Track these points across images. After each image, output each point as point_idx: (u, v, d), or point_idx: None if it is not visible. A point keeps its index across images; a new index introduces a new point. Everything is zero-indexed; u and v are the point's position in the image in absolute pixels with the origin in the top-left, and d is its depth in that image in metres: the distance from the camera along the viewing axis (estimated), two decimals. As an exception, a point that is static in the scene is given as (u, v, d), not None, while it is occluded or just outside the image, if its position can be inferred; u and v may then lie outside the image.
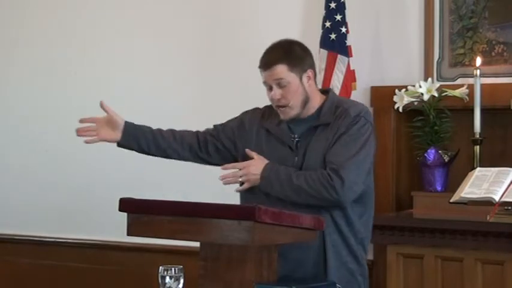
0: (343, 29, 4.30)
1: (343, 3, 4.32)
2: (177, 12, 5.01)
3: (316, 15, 4.43)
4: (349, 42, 4.32)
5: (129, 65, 5.14)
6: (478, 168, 3.82)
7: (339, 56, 4.31)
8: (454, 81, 4.28)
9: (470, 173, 3.79)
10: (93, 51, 5.25)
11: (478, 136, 4.05)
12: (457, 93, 4.14)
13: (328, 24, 4.32)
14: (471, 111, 4.06)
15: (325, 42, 4.33)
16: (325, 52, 4.33)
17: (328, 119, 3.29)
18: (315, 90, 3.36)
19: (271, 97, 3.30)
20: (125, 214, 3.15)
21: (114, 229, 4.22)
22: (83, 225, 5.25)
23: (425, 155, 4.14)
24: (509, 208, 3.60)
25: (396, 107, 4.22)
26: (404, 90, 4.20)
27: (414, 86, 4.17)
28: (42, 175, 5.39)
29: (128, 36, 5.15)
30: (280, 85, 3.27)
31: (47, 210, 5.35)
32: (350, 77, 4.33)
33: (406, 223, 3.82)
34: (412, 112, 4.23)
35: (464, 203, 3.65)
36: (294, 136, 3.33)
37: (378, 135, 4.39)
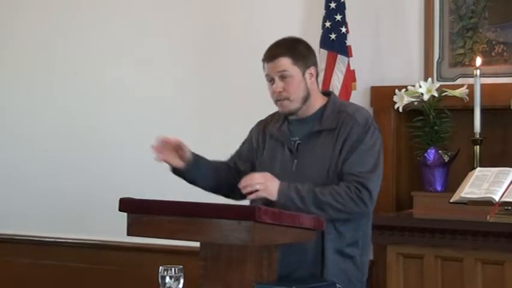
0: (343, 29, 4.30)
1: (343, 3, 4.32)
2: (178, 13, 5.01)
3: (316, 15, 4.43)
4: (349, 42, 4.32)
5: (129, 65, 5.14)
6: (478, 168, 3.82)
7: (339, 56, 4.31)
8: (454, 81, 4.28)
9: (470, 173, 3.79)
10: (93, 51, 5.25)
11: (478, 136, 4.05)
12: (457, 93, 4.14)
13: (328, 24, 4.32)
14: (471, 111, 4.06)
15: (325, 42, 4.33)
16: (325, 52, 4.33)
17: (332, 124, 3.26)
18: (317, 90, 3.36)
19: (273, 90, 3.28)
20: (125, 214, 3.15)
21: (114, 229, 4.21)
22: (83, 225, 5.25)
23: (425, 155, 4.14)
24: (509, 208, 3.60)
25: (396, 107, 4.22)
26: (404, 90, 4.20)
27: (414, 86, 4.17)
28: (42, 175, 5.39)
29: (128, 36, 5.15)
30: (282, 77, 3.26)
31: (47, 210, 5.35)
32: (350, 77, 4.33)
33: (406, 223, 3.82)
34: (412, 112, 4.23)
35: (464, 203, 3.65)
36: (294, 139, 3.32)
37: (378, 135, 4.41)
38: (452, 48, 4.31)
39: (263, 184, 3.16)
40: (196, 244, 3.13)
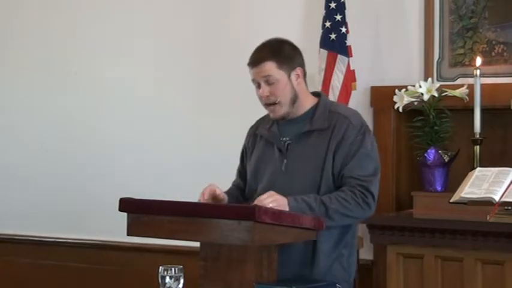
0: (343, 29, 4.30)
1: (343, 3, 4.32)
2: (177, 12, 5.01)
3: (316, 15, 4.43)
4: (349, 42, 4.32)
5: (129, 65, 5.14)
6: (478, 168, 3.82)
7: (339, 56, 4.31)
8: (454, 81, 4.28)
9: (470, 173, 3.79)
10: (93, 51, 5.25)
11: (478, 136, 4.05)
12: (457, 93, 4.14)
13: (328, 24, 4.32)
14: (471, 111, 4.06)
15: (325, 42, 4.33)
16: (325, 52, 4.33)
17: (323, 124, 3.26)
18: (305, 90, 3.34)
19: (260, 94, 3.29)
20: (125, 214, 3.15)
21: (114, 229, 4.21)
22: (83, 225, 5.25)
23: (425, 155, 4.14)
24: (509, 208, 3.60)
25: (396, 107, 4.22)
26: (404, 90, 4.20)
27: (414, 86, 4.17)
28: (42, 175, 5.39)
29: (128, 36, 5.15)
30: (268, 82, 3.26)
31: (47, 210, 5.35)
32: (350, 77, 4.33)
33: (406, 223, 3.82)
34: (412, 112, 4.23)
35: (464, 203, 3.65)
36: (284, 139, 3.31)
37: (378, 135, 4.41)
38: (452, 48, 4.31)
39: (275, 201, 3.10)
40: (196, 244, 3.13)
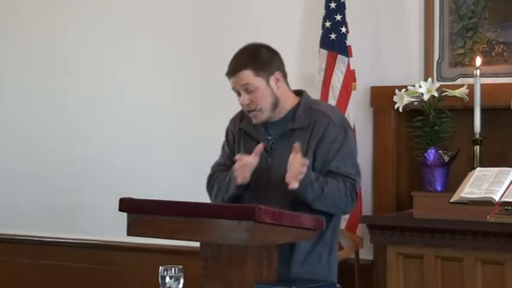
0: (343, 29, 4.30)
1: (343, 3, 4.31)
2: (177, 13, 5.01)
3: (316, 15, 4.42)
4: (349, 42, 4.32)
5: (129, 65, 5.14)
6: (478, 168, 3.82)
7: (339, 56, 4.31)
8: (454, 81, 4.28)
9: (470, 173, 3.79)
10: (94, 51, 5.25)
11: (478, 136, 4.05)
12: (457, 93, 4.14)
13: (328, 24, 4.32)
14: (471, 111, 4.06)
15: (325, 42, 4.33)
16: (325, 52, 4.33)
17: (304, 122, 3.29)
18: (286, 92, 3.36)
19: (241, 103, 3.33)
20: (125, 214, 3.15)
21: (114, 229, 4.21)
22: (83, 225, 5.25)
23: (425, 155, 4.14)
24: (509, 208, 3.60)
25: (396, 107, 4.22)
26: (404, 90, 4.20)
27: (414, 86, 4.17)
28: (42, 175, 5.39)
29: (128, 36, 5.15)
30: (247, 90, 3.29)
31: (47, 210, 5.34)
32: (350, 77, 4.33)
33: (406, 223, 3.81)
34: (412, 112, 4.23)
35: (464, 203, 3.65)
36: (269, 137, 3.33)
37: (378, 135, 4.41)
38: (452, 48, 4.31)
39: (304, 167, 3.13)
40: (196, 244, 3.13)
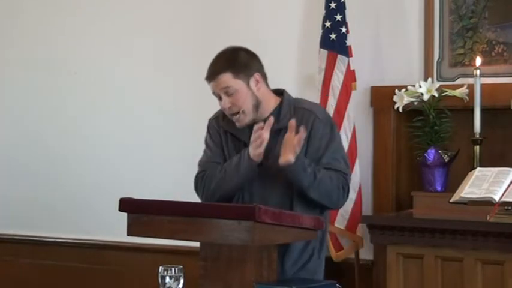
0: (343, 29, 4.30)
1: (343, 3, 4.31)
2: (177, 13, 5.01)
3: (316, 15, 4.42)
4: (349, 42, 4.31)
5: (129, 65, 5.14)
6: (478, 168, 3.82)
7: (339, 56, 4.31)
8: (454, 81, 4.28)
9: (470, 173, 3.79)
10: (94, 51, 5.25)
11: (478, 136, 4.05)
12: (457, 93, 4.14)
13: (328, 24, 4.32)
14: (471, 111, 4.06)
15: (325, 42, 4.33)
16: (325, 52, 4.33)
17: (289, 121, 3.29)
18: (267, 93, 3.37)
19: (222, 106, 3.34)
20: (125, 214, 3.16)
21: (114, 229, 4.21)
22: (83, 225, 5.25)
23: (425, 155, 4.13)
24: (509, 208, 3.60)
25: (396, 107, 4.22)
26: (404, 90, 4.19)
27: (414, 86, 4.17)
28: (42, 175, 5.39)
29: (128, 36, 5.15)
30: (228, 93, 3.30)
31: (47, 210, 5.35)
32: (350, 77, 4.33)
33: (406, 223, 3.82)
34: (412, 112, 4.23)
35: (464, 203, 3.65)
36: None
37: (378, 135, 4.41)
38: (452, 48, 4.31)
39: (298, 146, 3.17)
40: (196, 244, 3.13)
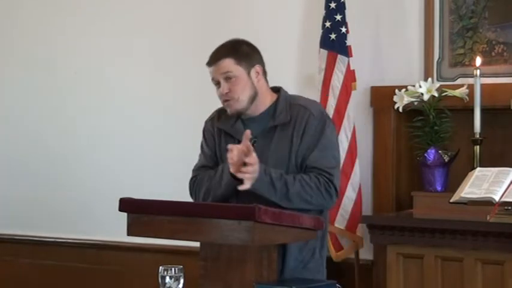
0: (343, 29, 4.30)
1: (343, 3, 4.31)
2: (177, 13, 5.01)
3: (316, 15, 4.42)
4: (349, 42, 4.31)
5: (129, 64, 5.14)
6: (478, 168, 3.82)
7: (339, 56, 4.31)
8: (454, 81, 4.28)
9: (470, 173, 3.79)
10: (93, 51, 5.25)
11: (478, 136, 4.05)
12: (457, 93, 4.14)
13: (328, 24, 4.32)
14: (471, 111, 4.06)
15: (325, 42, 4.33)
16: (325, 52, 4.33)
17: (286, 118, 3.28)
18: (265, 88, 3.36)
19: (220, 92, 3.31)
20: (125, 214, 3.16)
21: (114, 229, 4.21)
22: (83, 225, 5.25)
23: (425, 155, 4.14)
24: (509, 208, 3.60)
25: (396, 107, 4.22)
26: (404, 90, 4.19)
27: (414, 86, 4.17)
28: (42, 175, 5.39)
29: (128, 35, 5.14)
30: (227, 79, 3.29)
31: (47, 210, 5.34)
32: (350, 77, 4.33)
33: (406, 223, 3.81)
34: (412, 112, 4.23)
35: (464, 203, 3.65)
36: (250, 137, 3.28)
37: (378, 135, 4.41)
38: (452, 48, 4.31)
39: (255, 173, 3.13)
40: (196, 244, 3.13)
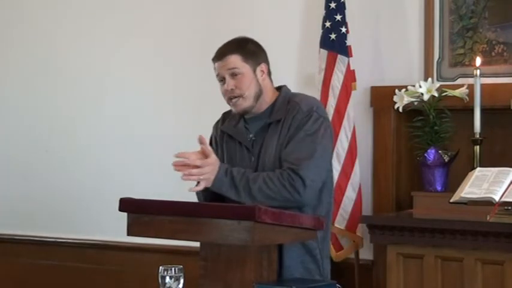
0: (343, 29, 4.30)
1: (343, 3, 4.31)
2: (177, 13, 5.01)
3: (316, 15, 4.42)
4: (349, 42, 4.31)
5: (129, 65, 5.14)
6: (478, 168, 3.82)
7: (339, 56, 4.31)
8: (454, 81, 4.28)
9: (470, 173, 3.79)
10: (93, 52, 5.25)
11: (478, 136, 4.05)
12: (457, 93, 4.14)
13: (328, 24, 4.32)
14: (471, 111, 4.06)
15: (325, 42, 4.33)
16: (325, 52, 4.33)
17: (280, 115, 3.27)
18: (269, 86, 3.36)
19: (225, 89, 3.30)
20: (125, 214, 3.16)
21: (114, 229, 4.21)
22: (83, 225, 5.25)
23: (425, 155, 4.14)
24: (509, 208, 3.60)
25: (396, 107, 4.22)
26: (404, 90, 4.19)
27: (414, 86, 4.17)
28: (42, 175, 5.39)
29: (128, 36, 5.15)
30: (233, 75, 3.28)
31: (47, 210, 5.35)
32: (350, 77, 4.33)
33: (406, 223, 3.81)
34: (412, 112, 4.23)
35: (464, 203, 3.65)
36: (250, 136, 3.32)
37: (378, 135, 4.41)
38: (452, 48, 4.31)
39: (207, 174, 3.15)
40: (196, 244, 3.13)
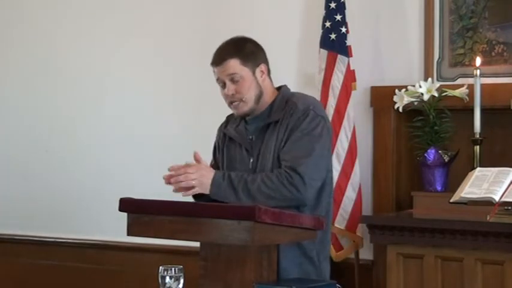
0: (343, 29, 4.30)
1: (343, 3, 4.31)
2: (177, 13, 5.01)
3: (316, 15, 4.42)
4: (349, 42, 4.31)
5: (129, 65, 5.14)
6: (478, 168, 3.82)
7: (339, 56, 4.31)
8: (454, 81, 4.28)
9: (470, 173, 3.79)
10: (93, 52, 5.25)
11: (478, 136, 4.05)
12: (457, 93, 4.14)
13: (328, 24, 4.32)
14: (471, 111, 4.06)
15: (325, 42, 4.33)
16: (325, 52, 4.33)
17: (279, 115, 3.27)
18: (269, 86, 3.35)
19: (225, 93, 3.29)
20: (125, 214, 3.16)
21: (114, 229, 4.21)
22: (83, 225, 5.25)
23: (425, 155, 4.14)
24: (509, 208, 3.60)
25: (396, 107, 4.22)
26: (404, 90, 4.20)
27: (414, 86, 4.17)
28: (42, 175, 5.39)
29: (128, 36, 5.15)
30: (233, 80, 3.27)
31: (47, 210, 5.34)
32: (350, 77, 4.33)
33: (406, 223, 3.81)
34: (412, 112, 4.23)
35: (464, 203, 3.65)
36: (250, 137, 3.32)
37: (378, 135, 4.41)
38: (452, 48, 4.31)
39: (198, 180, 3.15)
40: (196, 244, 3.13)
